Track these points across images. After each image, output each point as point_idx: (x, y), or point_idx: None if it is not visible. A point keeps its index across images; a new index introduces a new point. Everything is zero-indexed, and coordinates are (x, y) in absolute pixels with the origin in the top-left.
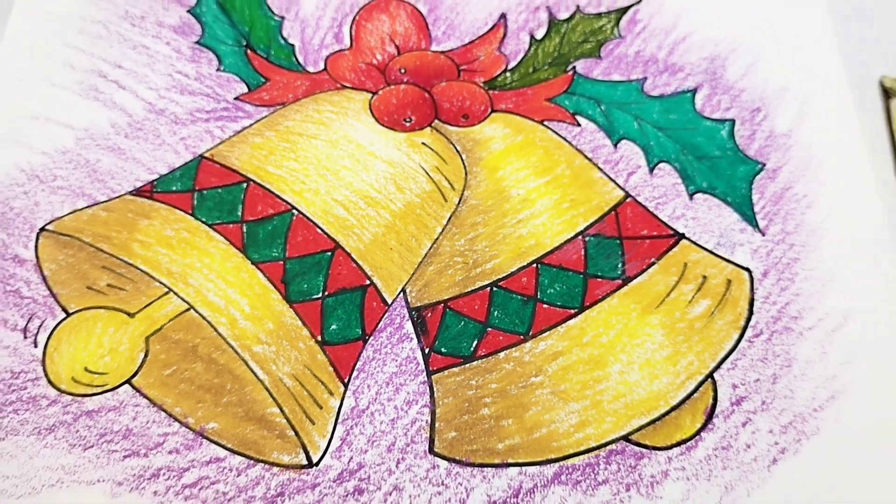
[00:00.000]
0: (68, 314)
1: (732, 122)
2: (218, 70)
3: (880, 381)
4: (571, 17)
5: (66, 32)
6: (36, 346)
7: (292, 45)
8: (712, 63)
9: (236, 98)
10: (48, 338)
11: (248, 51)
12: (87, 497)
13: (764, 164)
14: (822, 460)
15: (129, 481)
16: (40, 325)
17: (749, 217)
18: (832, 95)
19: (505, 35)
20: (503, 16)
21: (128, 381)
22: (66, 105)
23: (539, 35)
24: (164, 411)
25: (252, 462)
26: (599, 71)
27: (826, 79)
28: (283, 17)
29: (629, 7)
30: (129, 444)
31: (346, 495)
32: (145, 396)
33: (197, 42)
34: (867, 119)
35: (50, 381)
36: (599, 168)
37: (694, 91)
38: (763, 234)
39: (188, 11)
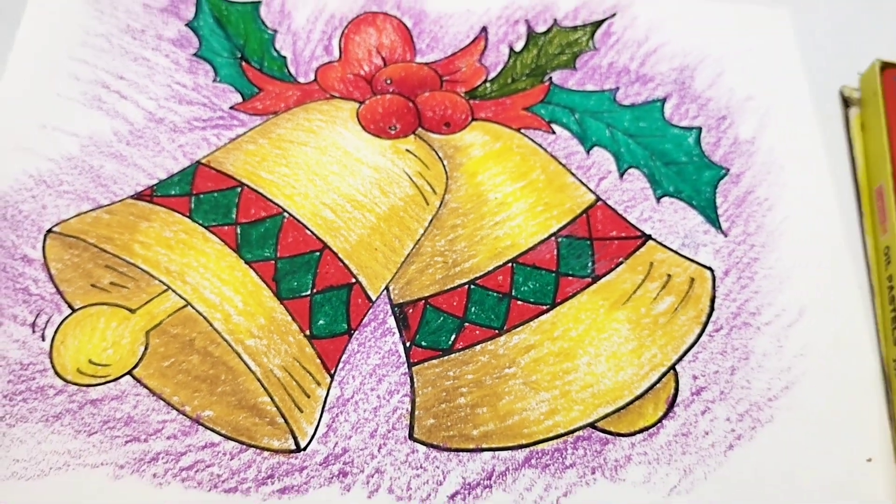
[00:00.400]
0: (74, 310)
1: (699, 129)
2: (214, 81)
3: (831, 373)
4: (549, 30)
5: (71, 45)
6: (44, 340)
7: (284, 58)
8: (681, 73)
9: (231, 107)
10: (55, 332)
11: (243, 62)
12: (91, 479)
13: (728, 170)
14: (775, 446)
15: (130, 465)
16: (48, 321)
17: (713, 219)
18: (794, 104)
19: (485, 47)
20: (484, 29)
21: (129, 373)
22: (72, 114)
23: (518, 47)
24: (163, 400)
25: (244, 447)
26: (574, 81)
27: (788, 89)
28: (275, 31)
29: (604, 20)
30: (130, 431)
31: (332, 478)
32: (145, 386)
33: (194, 54)
34: (827, 127)
35: (57, 373)
36: (572, 173)
37: (663, 100)
38: (725, 236)
39: (186, 25)
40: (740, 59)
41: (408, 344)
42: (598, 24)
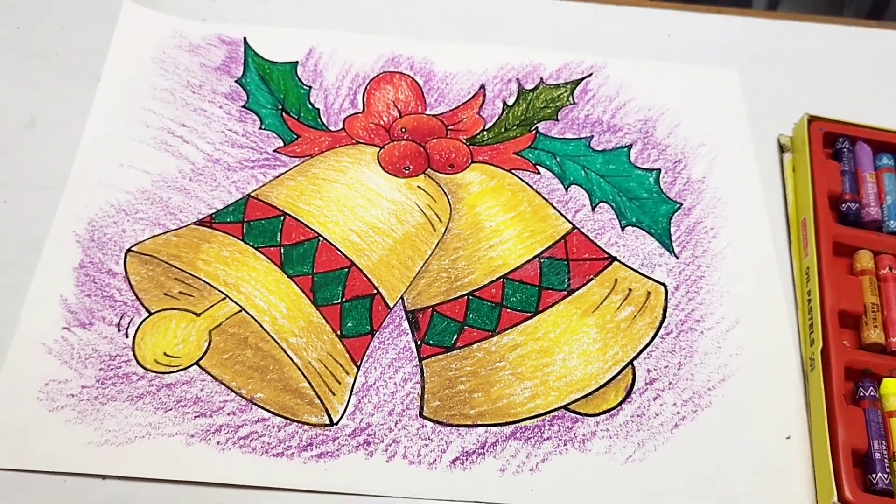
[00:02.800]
0: (150, 313)
1: (658, 171)
2: (260, 128)
3: (760, 369)
4: (536, 88)
5: (142, 98)
6: (127, 337)
7: (318, 109)
8: (645, 124)
9: (275, 150)
10: (136, 330)
11: (284, 113)
12: (168, 446)
13: (681, 204)
14: (712, 427)
15: (198, 434)
16: (129, 321)
17: (667, 245)
18: (738, 150)
19: (483, 102)
20: (482, 86)
21: (196, 363)
22: (144, 155)
23: (510, 102)
24: (224, 385)
25: (289, 421)
26: (556, 130)
27: (734, 137)
28: (310, 87)
29: (582, 79)
30: (198, 408)
31: (358, 446)
32: (209, 374)
33: (243, 106)
34: (765, 169)
35: (138, 363)
36: (553, 206)
37: (630, 146)
38: (677, 258)
39: (236, 81)
40: (695, 112)
41: (418, 342)
42: (577, 82)
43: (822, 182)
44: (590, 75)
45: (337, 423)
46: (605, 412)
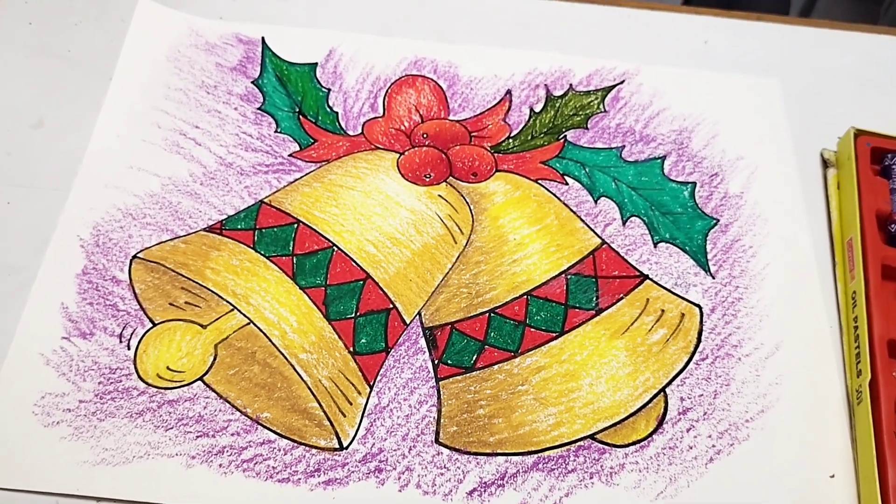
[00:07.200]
0: (154, 324)
1: (694, 184)
2: (276, 132)
3: (802, 400)
4: (565, 94)
5: (155, 98)
6: (129, 349)
7: (336, 113)
8: (680, 135)
9: (290, 155)
10: (139, 342)
11: (301, 116)
12: (167, 467)
13: (718, 220)
14: (750, 462)
15: (200, 456)
16: (132, 333)
17: (703, 263)
18: (779, 164)
19: (509, 108)
20: (508, 92)
21: (200, 379)
22: (154, 158)
23: (538, 108)
24: (229, 403)
25: (296, 444)
26: (586, 139)
27: (775, 150)
28: (329, 89)
29: (613, 86)
30: (200, 427)
31: (369, 473)
32: (214, 391)
33: (259, 108)
34: (808, 185)
35: (140, 377)
36: (582, 219)
37: (663, 158)
38: (713, 278)
39: (252, 82)
40: (733, 123)
41: (436, 362)
42: (609, 89)
43: (870, 200)
44: (622, 82)
45: (347, 448)
46: (634, 443)
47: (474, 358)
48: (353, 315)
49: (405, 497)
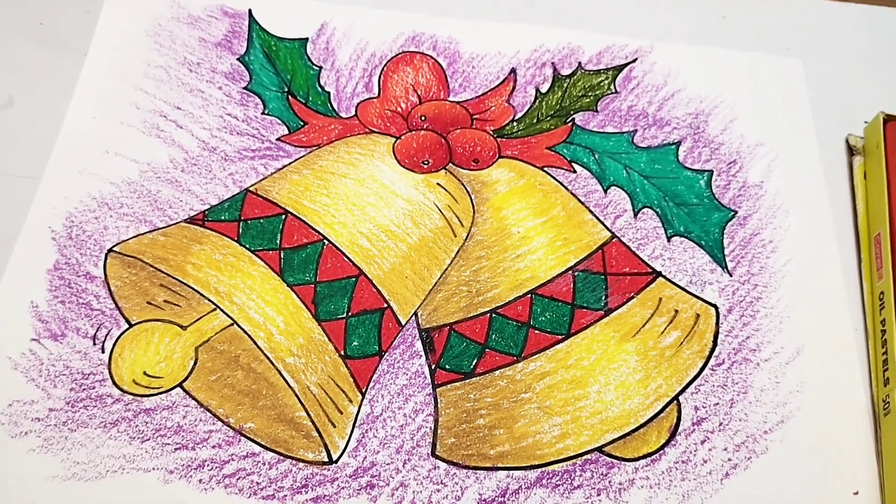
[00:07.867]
0: (131, 325)
1: (710, 172)
2: (263, 113)
3: (824, 410)
4: (573, 73)
5: (133, 76)
6: (103, 352)
7: (328, 93)
8: (696, 119)
9: (278, 139)
10: (113, 345)
11: (290, 97)
12: (143, 482)
13: (736, 212)
14: (768, 477)
15: (178, 470)
16: (107, 334)
17: (719, 259)
18: (801, 151)
19: (514, 88)
20: (513, 71)
21: (179, 385)
22: (132, 142)
23: (544, 89)
24: (210, 412)
25: (282, 457)
26: (595, 123)
27: (797, 136)
28: (320, 67)
29: (625, 65)
30: (179, 439)
31: (360, 489)
32: (194, 398)
33: (245, 87)
34: (832, 174)
35: (114, 383)
36: (590, 211)
37: (678, 143)
38: (731, 275)
39: (238, 59)
40: (752, 106)
41: (433, 366)
42: (620, 68)
43: None
44: (634, 61)
45: (336, 462)
46: (645, 456)
47: (474, 362)
48: (344, 315)
49: None
